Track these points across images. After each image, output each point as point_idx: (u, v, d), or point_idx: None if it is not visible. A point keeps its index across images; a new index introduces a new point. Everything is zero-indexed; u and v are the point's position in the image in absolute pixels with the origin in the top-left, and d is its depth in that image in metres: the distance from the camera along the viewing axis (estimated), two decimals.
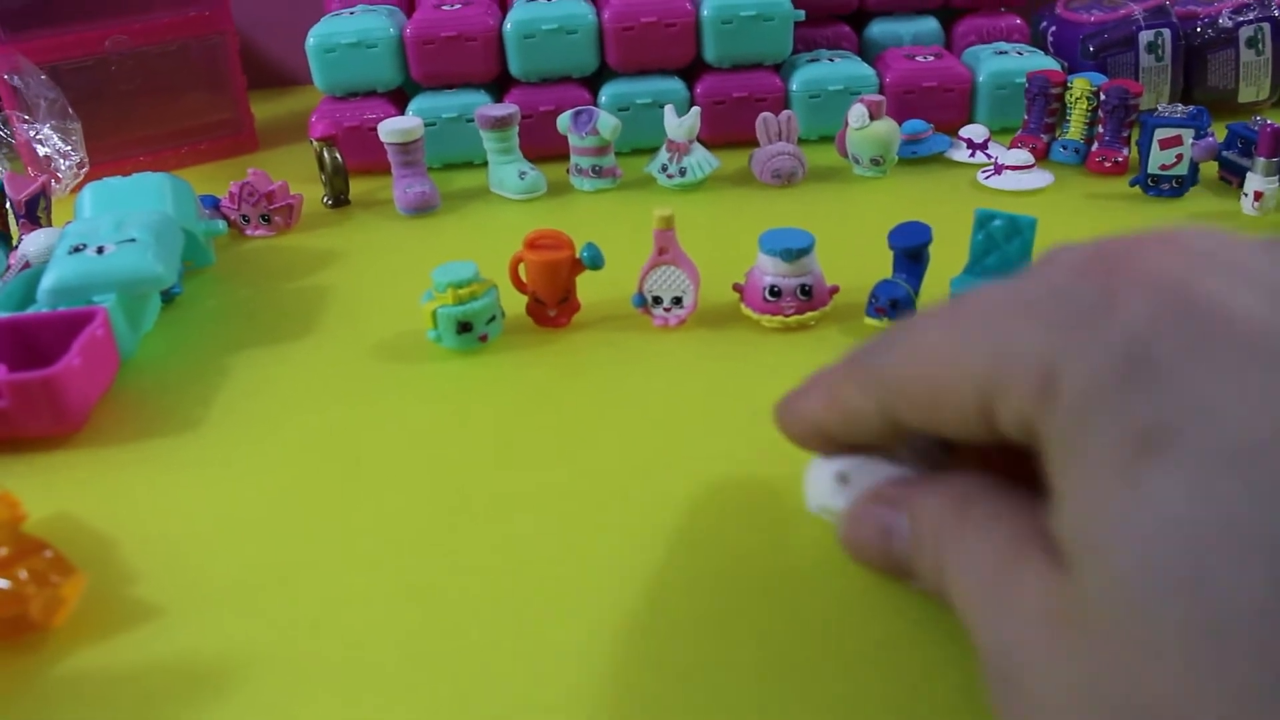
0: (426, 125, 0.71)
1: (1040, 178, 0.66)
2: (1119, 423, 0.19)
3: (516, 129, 0.69)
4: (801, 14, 0.75)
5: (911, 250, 0.48)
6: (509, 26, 0.73)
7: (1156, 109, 0.64)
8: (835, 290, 0.49)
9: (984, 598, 0.23)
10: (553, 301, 0.49)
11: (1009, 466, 0.25)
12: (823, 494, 0.31)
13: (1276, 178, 0.58)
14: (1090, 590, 0.19)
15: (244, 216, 0.65)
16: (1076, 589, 0.20)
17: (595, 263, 0.49)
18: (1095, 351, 0.20)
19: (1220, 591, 0.17)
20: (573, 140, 0.68)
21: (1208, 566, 0.17)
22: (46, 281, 0.48)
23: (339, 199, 0.70)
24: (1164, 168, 0.62)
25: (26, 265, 0.54)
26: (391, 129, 0.66)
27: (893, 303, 0.47)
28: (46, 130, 0.73)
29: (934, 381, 0.24)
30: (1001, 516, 0.24)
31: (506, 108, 0.68)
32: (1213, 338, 0.19)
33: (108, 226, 0.51)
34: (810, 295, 0.47)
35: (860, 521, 0.29)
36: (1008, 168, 0.66)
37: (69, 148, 0.73)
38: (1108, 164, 0.67)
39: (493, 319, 0.48)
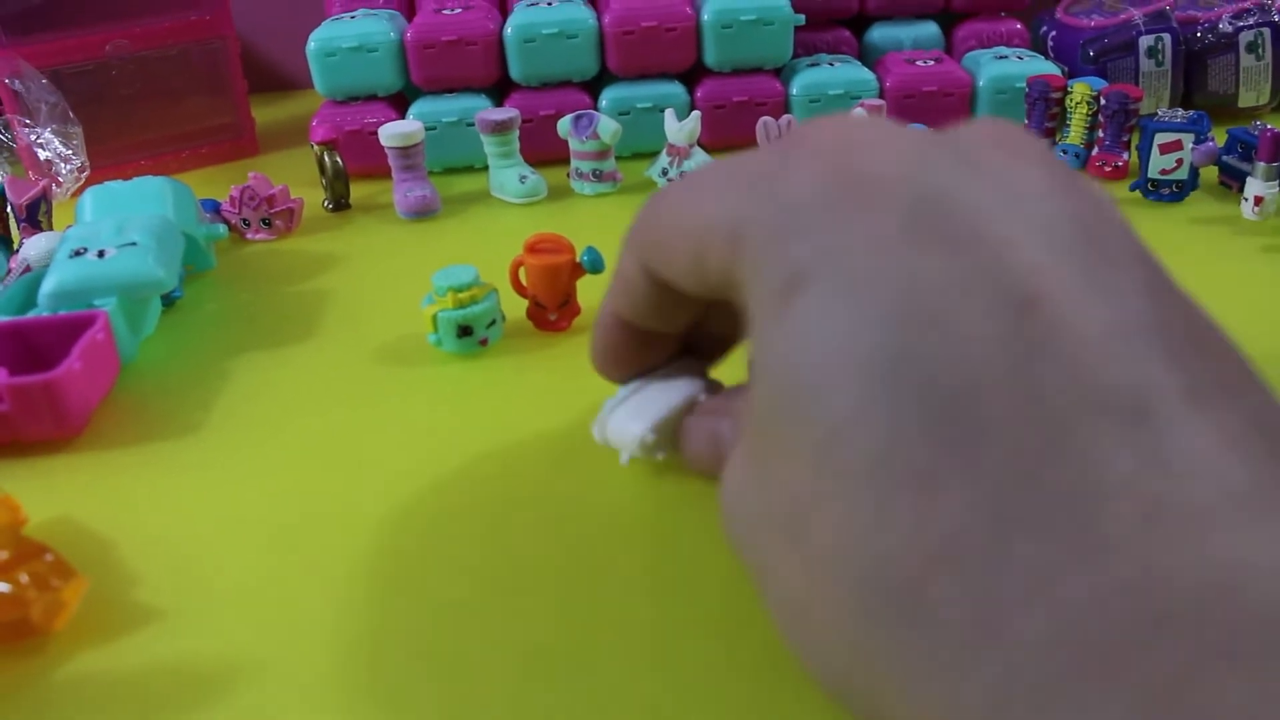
0: (427, 129, 0.71)
1: None
2: (776, 267, 0.22)
3: (517, 133, 0.69)
4: (802, 18, 0.75)
5: None
6: (509, 31, 0.73)
7: (1157, 114, 0.64)
8: None
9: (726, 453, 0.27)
10: (553, 305, 0.49)
11: None
12: (600, 423, 0.36)
13: (1277, 182, 0.58)
14: (756, 412, 0.22)
15: (244, 220, 0.65)
16: (751, 416, 0.23)
17: (596, 266, 0.49)
18: (766, 209, 0.23)
19: (834, 402, 0.20)
20: (573, 144, 0.68)
21: (827, 382, 0.20)
22: (47, 285, 0.48)
23: (339, 203, 0.70)
24: (1164, 172, 0.62)
25: (27, 269, 0.54)
26: (392, 133, 0.66)
27: None
28: (47, 134, 0.73)
29: (668, 236, 0.27)
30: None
31: (507, 112, 0.68)
32: (854, 192, 0.22)
33: (108, 230, 0.51)
34: None
35: (692, 434, 0.33)
36: None
37: (70, 152, 0.73)
38: (1108, 168, 0.67)
39: (493, 323, 0.48)
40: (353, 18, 0.76)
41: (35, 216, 0.62)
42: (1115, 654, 0.16)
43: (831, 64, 0.77)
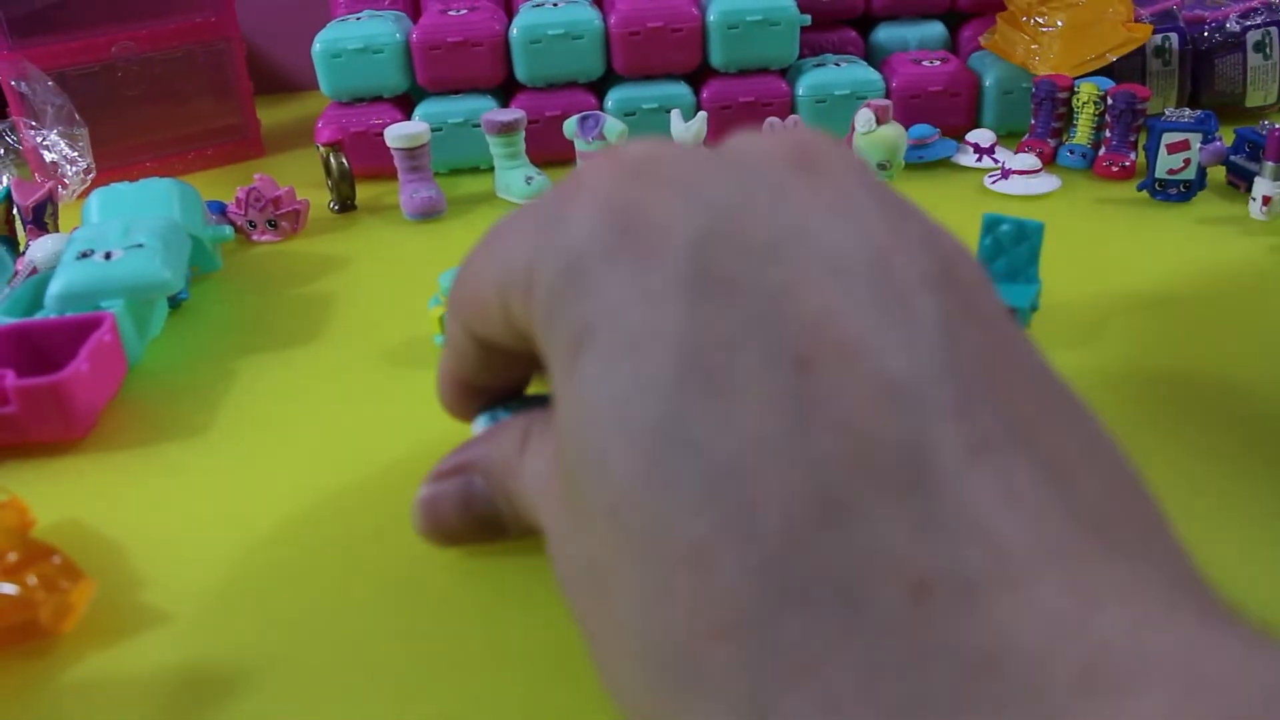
0: (433, 130, 0.71)
1: (1047, 182, 0.66)
2: (563, 321, 0.21)
3: (523, 134, 0.69)
4: (808, 19, 0.75)
5: None
6: (515, 32, 0.73)
7: (1164, 113, 0.64)
8: None
9: (541, 497, 0.26)
10: None
11: None
12: None
13: None
14: (562, 471, 0.22)
15: (250, 222, 0.65)
16: (559, 473, 0.23)
17: None
18: (551, 261, 0.22)
19: (616, 472, 0.19)
20: (579, 145, 0.68)
21: (609, 450, 0.19)
22: (54, 287, 0.48)
23: (345, 204, 0.70)
24: (1171, 172, 0.62)
25: (34, 271, 0.54)
26: (398, 134, 0.66)
27: None
28: (53, 136, 0.73)
29: (475, 294, 0.26)
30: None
31: (513, 113, 0.68)
32: (630, 240, 0.21)
33: (115, 232, 0.51)
34: None
35: (435, 501, 0.31)
36: (1015, 172, 0.66)
37: (76, 154, 0.73)
38: (1115, 168, 0.66)
39: None
40: (358, 19, 0.76)
41: (42, 218, 0.62)
42: None
43: (837, 64, 0.77)
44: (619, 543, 0.19)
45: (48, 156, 0.73)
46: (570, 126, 0.68)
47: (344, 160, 0.69)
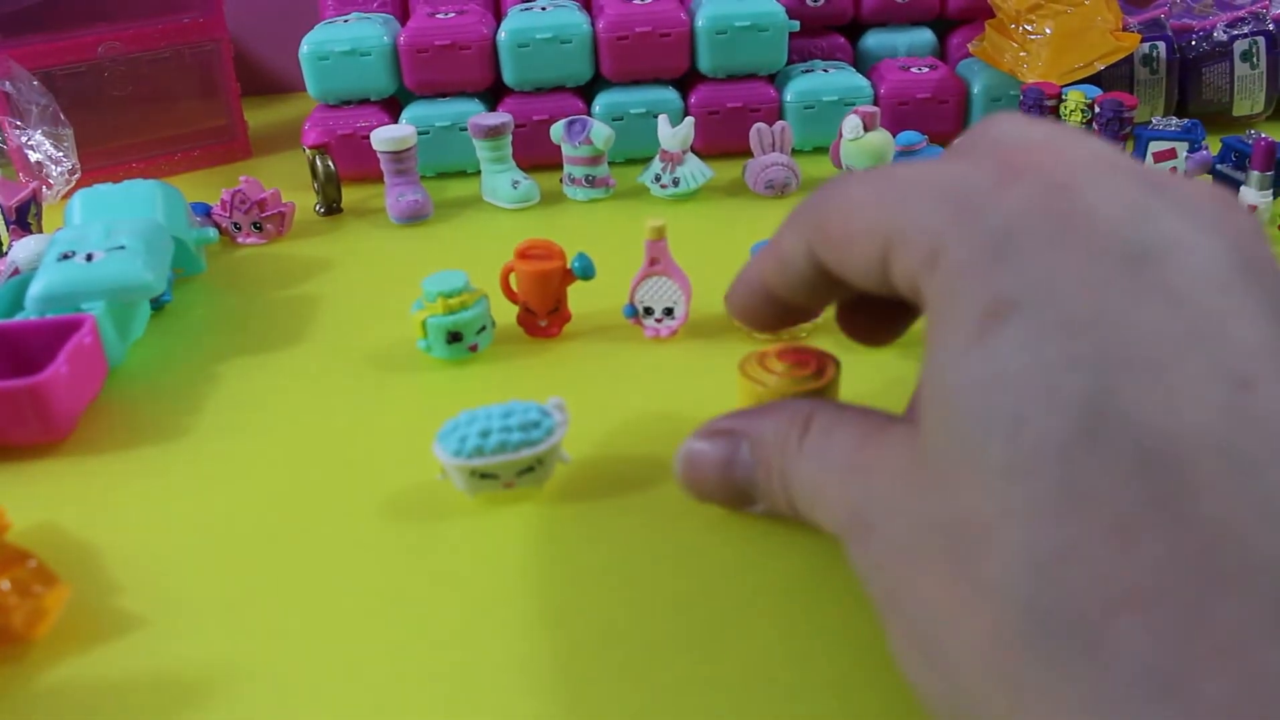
0: (420, 134, 0.71)
1: None
2: (977, 292, 0.22)
3: (510, 138, 0.69)
4: (796, 25, 0.75)
5: None
6: (503, 35, 0.73)
7: (1151, 122, 0.64)
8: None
9: (841, 478, 0.26)
10: (543, 312, 0.49)
11: None
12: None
13: (1270, 191, 0.58)
14: (935, 432, 0.22)
15: (235, 224, 0.65)
16: (926, 436, 0.23)
17: (587, 273, 0.48)
18: (972, 232, 0.23)
19: (1034, 435, 0.20)
20: (566, 150, 0.68)
21: (1025, 414, 0.20)
22: (35, 289, 0.48)
23: (331, 207, 0.70)
24: None
25: (16, 272, 0.53)
26: (384, 137, 0.66)
27: None
28: (38, 136, 0.72)
29: (849, 226, 0.26)
30: (847, 417, 0.28)
31: (500, 116, 0.68)
32: (1069, 231, 0.22)
33: (97, 234, 0.51)
34: None
35: (697, 457, 0.32)
36: None
37: (61, 154, 0.73)
38: None
39: (483, 329, 0.47)
40: (346, 21, 0.76)
41: (25, 219, 0.62)
42: None
43: (826, 70, 0.77)
44: (1023, 503, 0.20)
45: (32, 156, 0.72)
46: (557, 131, 0.68)
47: (330, 163, 0.69)
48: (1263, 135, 0.59)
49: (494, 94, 0.77)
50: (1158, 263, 0.21)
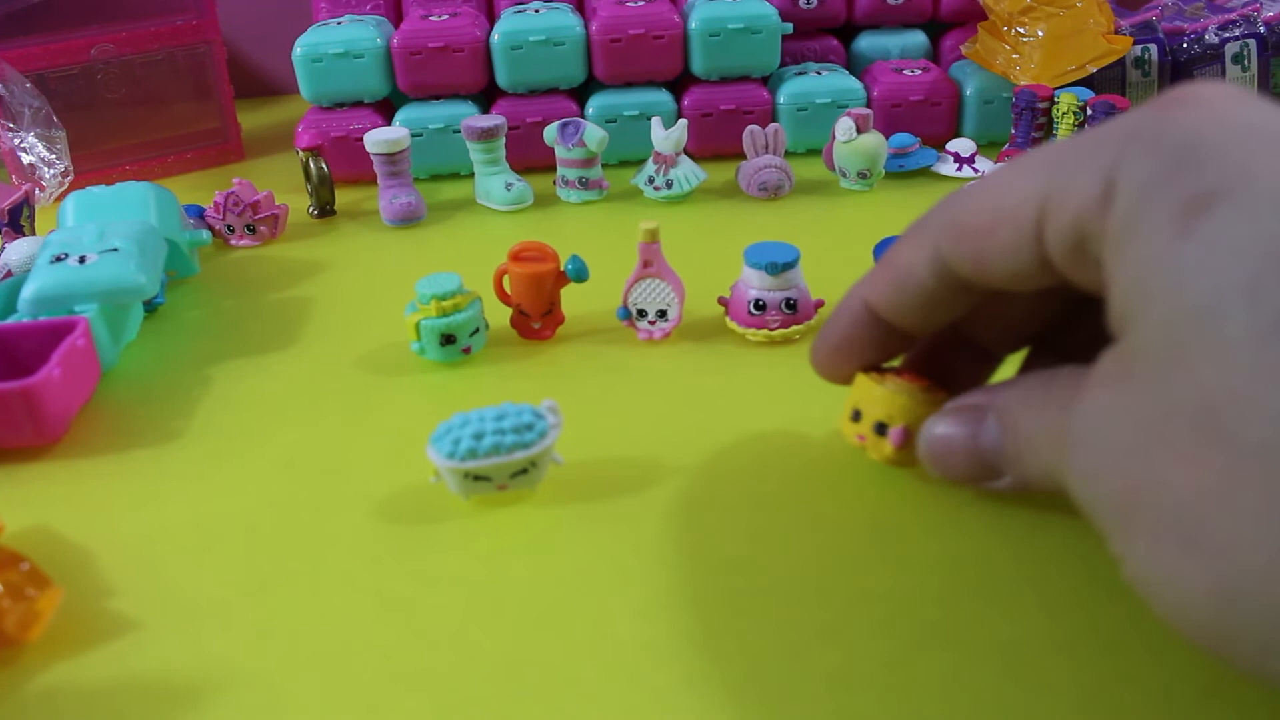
0: (413, 136, 0.71)
1: None
2: (1170, 200, 0.22)
3: (503, 140, 0.69)
4: (789, 27, 0.75)
5: None
6: (496, 38, 0.73)
7: None
8: (820, 304, 0.49)
9: (1045, 415, 0.27)
10: (537, 314, 0.49)
11: None
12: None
13: None
14: (1155, 328, 0.22)
15: (229, 226, 0.65)
16: (1142, 336, 0.23)
17: (580, 275, 0.48)
18: (1150, 151, 0.23)
19: (1275, 300, 0.20)
20: (559, 152, 0.68)
21: (1262, 284, 0.20)
22: (27, 291, 0.48)
23: (325, 209, 0.70)
24: None
25: (8, 274, 0.53)
26: (378, 139, 0.66)
27: None
28: (31, 138, 0.72)
29: (996, 204, 0.27)
30: (1077, 373, 0.27)
31: (493, 119, 0.68)
32: (1249, 134, 0.23)
33: (90, 236, 0.51)
34: (795, 309, 0.47)
35: (945, 435, 0.32)
36: None
37: (54, 156, 0.73)
38: None
39: (476, 331, 0.47)
40: (339, 23, 0.76)
41: (18, 221, 0.62)
42: None
43: (819, 72, 0.77)
44: (1265, 366, 0.20)
45: (25, 159, 0.72)
46: (551, 133, 0.68)
47: (324, 165, 0.69)
48: None
49: (487, 96, 0.77)
50: None
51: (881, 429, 0.35)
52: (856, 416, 0.36)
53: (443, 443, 0.36)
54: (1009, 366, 0.37)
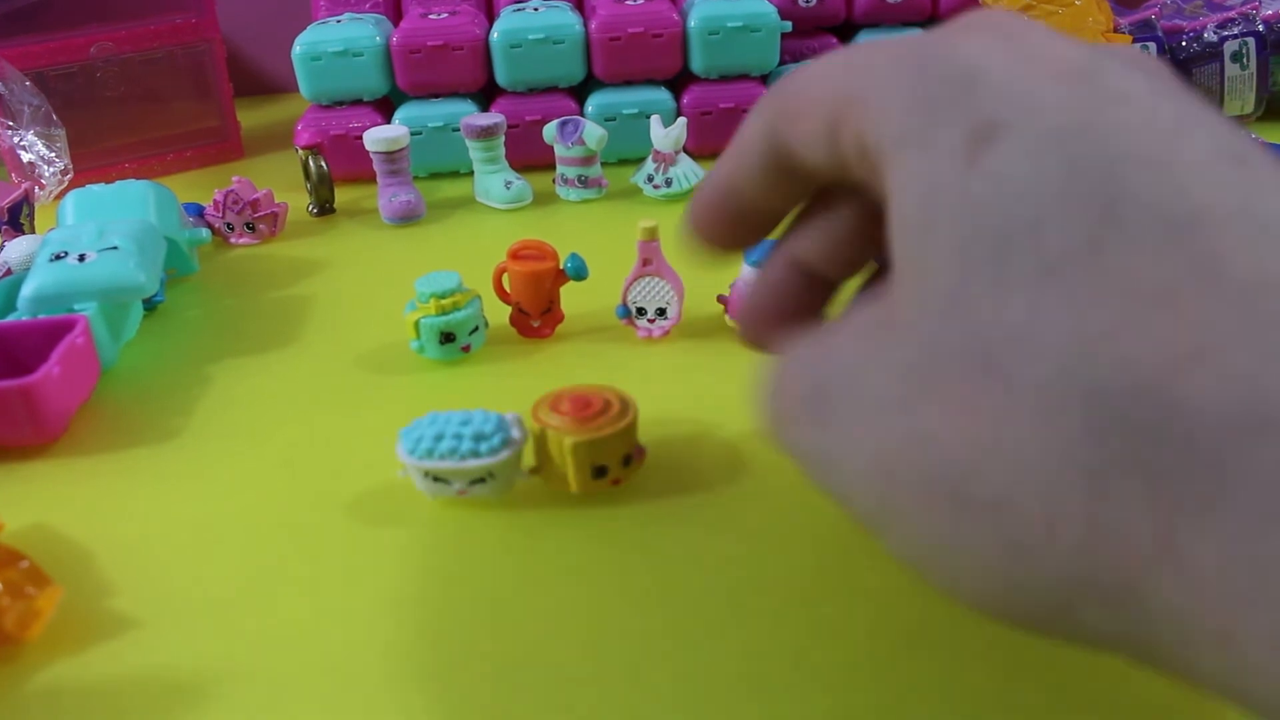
0: (412, 134, 0.71)
1: None
2: (953, 125, 0.22)
3: (502, 138, 0.69)
4: (789, 25, 0.75)
5: None
6: (495, 36, 0.73)
7: None
8: None
9: (791, 368, 0.25)
10: (536, 312, 0.49)
11: None
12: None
13: None
14: (933, 267, 0.22)
15: (228, 224, 0.65)
16: (918, 276, 0.22)
17: (579, 273, 0.48)
18: (937, 72, 0.23)
19: (1057, 234, 0.20)
20: (559, 150, 0.68)
21: (1045, 217, 0.20)
22: (27, 289, 0.48)
23: (324, 207, 0.70)
24: None
25: (8, 272, 0.53)
26: (377, 138, 0.66)
27: None
28: (30, 137, 0.72)
29: (808, 93, 0.26)
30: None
31: (492, 117, 0.68)
32: (1033, 62, 0.22)
33: (89, 234, 0.51)
34: None
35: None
36: None
37: (53, 154, 0.73)
38: None
39: (476, 330, 0.48)
40: (339, 22, 0.76)
41: (17, 219, 0.62)
42: None
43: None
44: (1061, 296, 0.19)
45: (24, 157, 0.72)
46: (550, 131, 0.68)
47: (323, 163, 0.69)
48: (1254, 136, 0.60)
49: (486, 95, 0.77)
50: (1119, 83, 0.22)
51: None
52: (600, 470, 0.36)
53: (408, 438, 0.36)
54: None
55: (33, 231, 0.63)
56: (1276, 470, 0.17)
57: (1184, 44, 0.76)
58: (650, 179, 0.68)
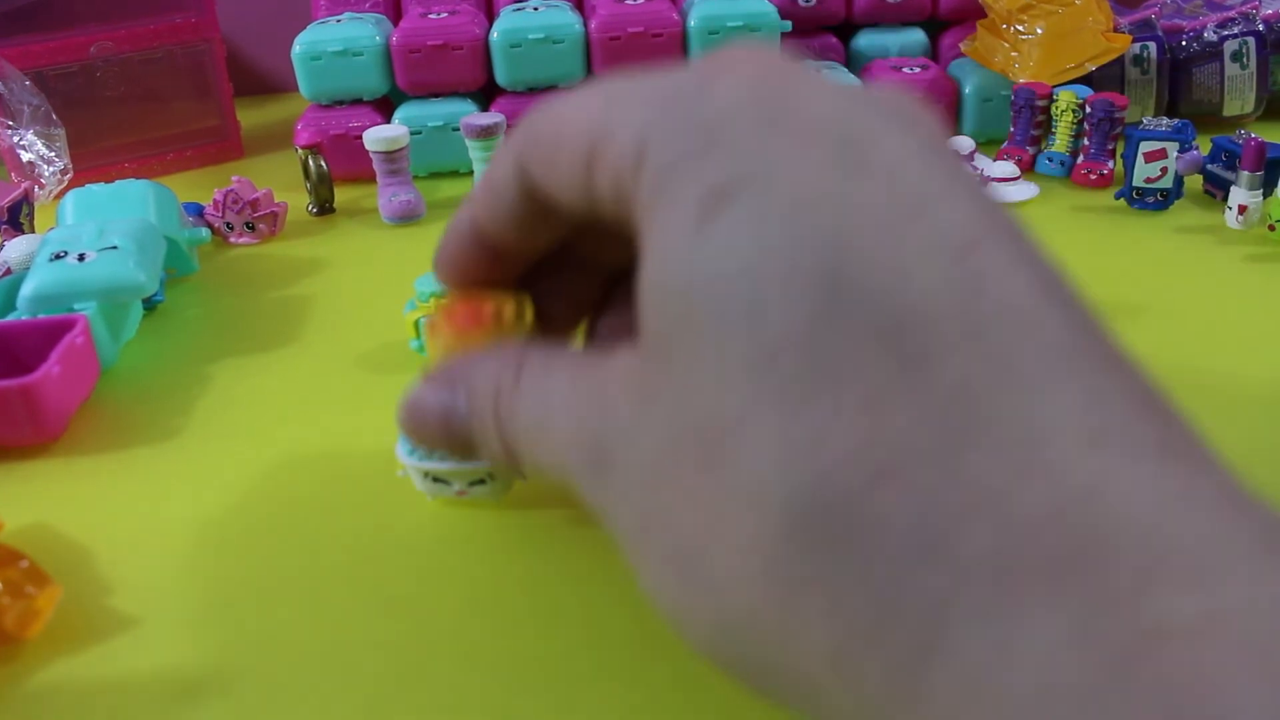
0: (412, 134, 0.71)
1: (1026, 190, 0.66)
2: (693, 182, 0.21)
3: (502, 138, 0.69)
4: (789, 25, 0.75)
5: None
6: (495, 35, 0.73)
7: (1142, 122, 0.64)
8: None
9: (569, 411, 0.24)
10: None
11: None
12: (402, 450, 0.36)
13: (1260, 191, 0.58)
14: (668, 336, 0.21)
15: (228, 224, 0.65)
16: (658, 342, 0.22)
17: None
18: (681, 123, 0.22)
19: (775, 321, 0.19)
20: None
21: (765, 300, 0.19)
22: (26, 289, 0.48)
23: (324, 207, 0.70)
24: (1149, 180, 0.62)
25: (8, 272, 0.53)
26: (377, 137, 0.66)
27: None
28: (30, 136, 0.72)
29: (556, 138, 0.25)
30: (564, 353, 0.26)
31: (493, 117, 0.68)
32: (783, 119, 0.21)
33: (89, 234, 0.51)
34: None
35: (419, 405, 0.30)
36: (993, 179, 0.66)
37: (53, 154, 0.73)
38: (1093, 176, 0.67)
39: None
40: (338, 21, 0.76)
41: (17, 219, 0.62)
42: (1061, 569, 0.16)
43: (818, 71, 0.77)
44: (770, 390, 0.19)
45: (24, 156, 0.72)
46: None
47: (323, 163, 0.69)
48: (1252, 135, 0.60)
49: (486, 94, 0.77)
50: (867, 148, 0.21)
51: None
52: None
53: (408, 439, 0.36)
54: None
55: (32, 231, 0.63)
56: (934, 601, 0.17)
57: (1184, 43, 0.76)
58: None
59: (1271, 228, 0.57)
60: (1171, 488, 0.17)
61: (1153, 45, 0.76)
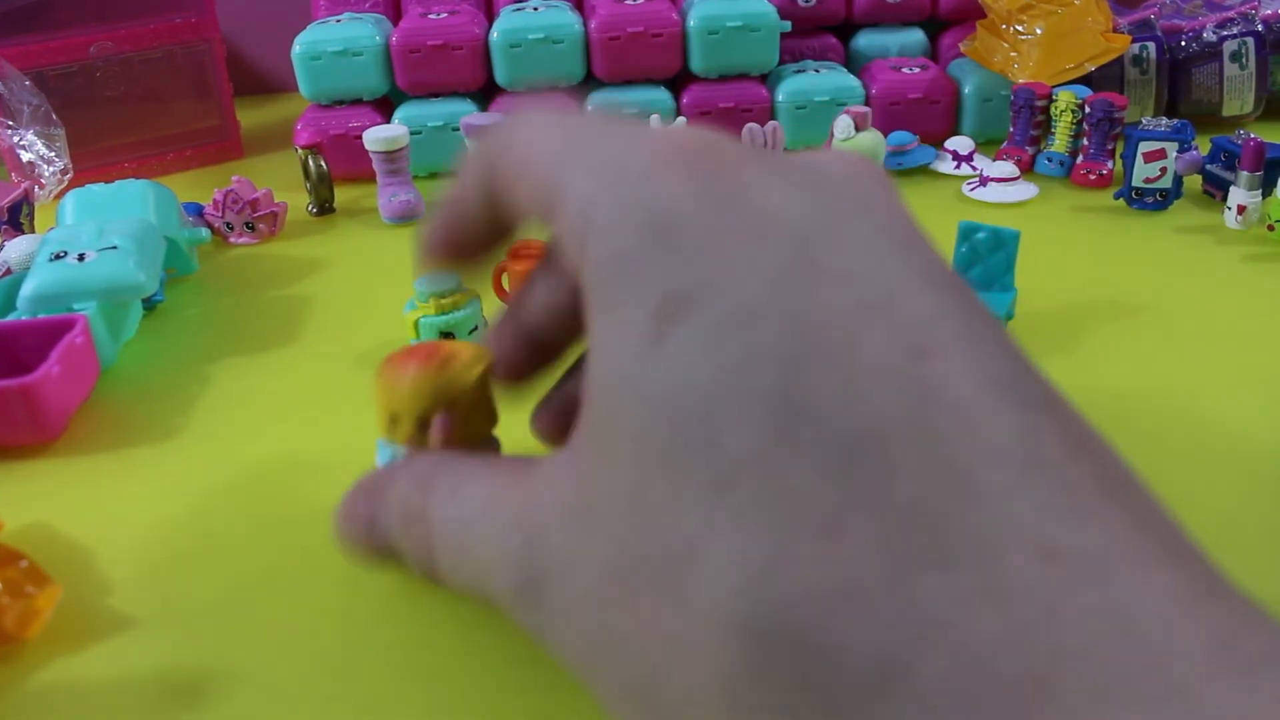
0: (412, 134, 0.71)
1: (1025, 190, 0.66)
2: (644, 288, 0.20)
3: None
4: (788, 25, 0.75)
5: None
6: (495, 35, 0.73)
7: (1141, 122, 0.64)
8: None
9: (482, 533, 0.24)
10: None
11: None
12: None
13: (1259, 191, 0.58)
14: (620, 454, 0.20)
15: (228, 224, 0.65)
16: (609, 459, 0.21)
17: None
18: (625, 214, 0.21)
19: (733, 444, 0.19)
20: None
21: (720, 422, 0.19)
22: (26, 289, 0.48)
23: (324, 207, 0.70)
24: (1148, 181, 0.62)
25: (8, 272, 0.53)
26: (377, 137, 0.66)
27: None
28: (30, 136, 0.72)
29: (523, 160, 0.25)
30: (473, 466, 0.25)
31: (493, 117, 0.68)
32: (734, 219, 0.21)
33: (89, 234, 0.51)
34: None
35: (347, 516, 0.29)
36: (993, 180, 0.66)
37: (53, 154, 0.73)
38: (1092, 176, 0.67)
39: (475, 329, 0.47)
40: (338, 21, 0.76)
41: (17, 219, 0.62)
42: (1018, 693, 0.16)
43: (817, 70, 0.77)
44: (726, 516, 0.18)
45: (24, 156, 0.72)
46: None
47: (323, 163, 0.69)
48: (1252, 135, 0.60)
49: (486, 94, 0.77)
50: (821, 244, 0.20)
51: (424, 426, 0.31)
52: (395, 422, 0.31)
53: (385, 449, 0.36)
54: None
55: (32, 231, 0.63)
56: None
57: (1183, 44, 0.76)
58: None
59: (1271, 228, 0.57)
60: (1126, 596, 0.17)
61: (1152, 45, 0.76)
